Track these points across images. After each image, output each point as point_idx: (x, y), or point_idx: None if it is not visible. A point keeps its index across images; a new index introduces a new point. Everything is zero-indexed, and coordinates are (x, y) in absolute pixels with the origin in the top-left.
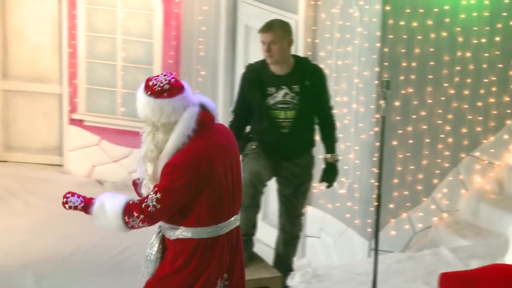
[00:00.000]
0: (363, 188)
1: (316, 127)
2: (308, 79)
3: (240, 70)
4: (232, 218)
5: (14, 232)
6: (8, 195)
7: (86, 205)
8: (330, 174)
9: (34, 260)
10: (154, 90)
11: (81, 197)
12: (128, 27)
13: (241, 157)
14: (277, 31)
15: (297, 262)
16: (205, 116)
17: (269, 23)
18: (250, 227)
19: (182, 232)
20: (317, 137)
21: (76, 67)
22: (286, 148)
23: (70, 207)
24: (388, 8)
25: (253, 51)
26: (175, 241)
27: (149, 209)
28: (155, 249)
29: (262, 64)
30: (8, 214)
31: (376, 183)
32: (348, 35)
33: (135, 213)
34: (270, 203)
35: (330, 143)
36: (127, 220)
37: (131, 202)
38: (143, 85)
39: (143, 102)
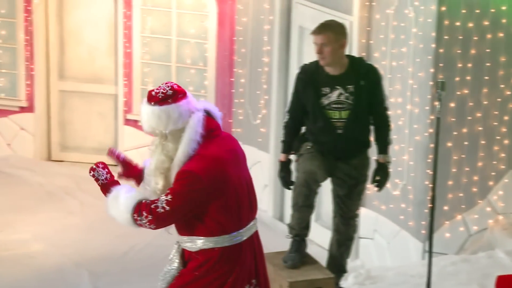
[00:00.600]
0: (417, 189)
1: (371, 127)
2: (363, 79)
3: (293, 71)
4: (252, 223)
5: (69, 231)
6: (64, 194)
7: (106, 186)
8: (381, 176)
9: (89, 259)
10: (159, 98)
11: (108, 175)
12: (183, 29)
13: (295, 157)
14: (329, 34)
15: (350, 263)
16: (212, 122)
17: (322, 25)
18: (303, 227)
19: (204, 243)
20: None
21: (131, 68)
22: (341, 149)
23: (93, 176)
24: (443, 8)
25: (307, 52)
26: (197, 253)
27: (158, 209)
28: (176, 265)
29: (316, 64)
30: (64, 213)
31: (431, 185)
32: (402, 36)
33: (144, 213)
34: (324, 204)
35: (383, 144)
36: (135, 217)
37: (144, 201)
38: (145, 99)
39: (148, 113)
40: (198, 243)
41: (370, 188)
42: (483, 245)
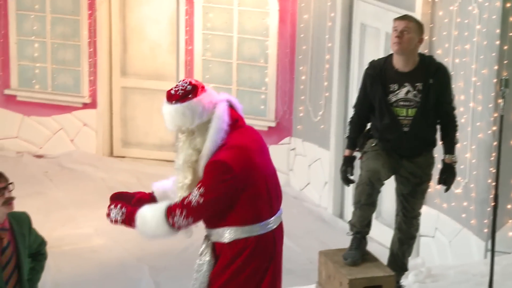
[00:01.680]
0: (480, 188)
1: (437, 126)
2: (432, 77)
3: (354, 68)
4: (280, 212)
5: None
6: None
7: (127, 218)
8: (447, 176)
9: (150, 254)
10: (179, 96)
11: (123, 208)
12: (244, 26)
13: (359, 155)
14: (413, 22)
15: (410, 261)
16: (235, 113)
17: (406, 14)
18: (364, 225)
19: (238, 233)
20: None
21: (192, 65)
22: (406, 147)
23: (112, 221)
24: (508, 5)
25: (369, 49)
26: (231, 243)
27: (192, 204)
28: (208, 258)
29: (385, 60)
30: None
31: (493, 183)
32: (466, 33)
33: (177, 211)
34: (385, 202)
35: (449, 144)
36: (171, 221)
37: (172, 205)
38: (165, 99)
39: (170, 112)
40: (231, 233)
41: (432, 186)
42: None
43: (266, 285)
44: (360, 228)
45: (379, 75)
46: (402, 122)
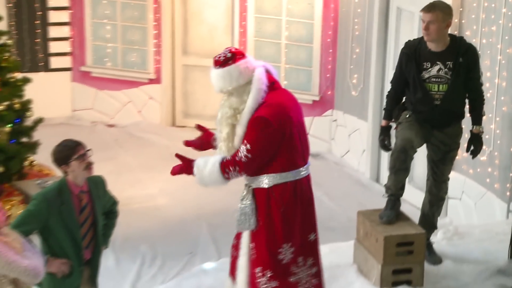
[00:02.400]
0: (503, 155)
1: (466, 100)
2: (462, 56)
3: (391, 49)
4: (309, 163)
5: (190, 187)
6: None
7: (185, 168)
8: (475, 145)
9: (208, 212)
10: (221, 62)
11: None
12: (292, 10)
13: (395, 125)
14: (437, 13)
15: (439, 221)
16: (272, 78)
17: (432, 4)
18: (398, 188)
19: (275, 179)
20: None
21: (245, 45)
22: (437, 119)
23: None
24: None
25: (404, 31)
26: (271, 189)
27: (242, 160)
28: (249, 201)
29: (420, 41)
30: None
31: None
32: (492, 16)
33: (231, 168)
34: (417, 168)
35: (477, 116)
36: (226, 176)
37: (224, 160)
38: (212, 65)
39: (214, 76)
40: (270, 180)
41: (459, 154)
42: None
43: (300, 225)
44: (395, 191)
45: (413, 54)
46: (434, 97)
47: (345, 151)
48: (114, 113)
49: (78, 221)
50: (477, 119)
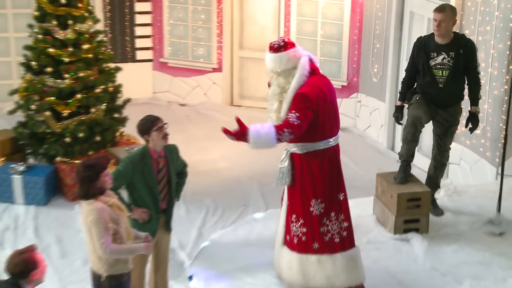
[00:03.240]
0: (494, 129)
1: (465, 86)
2: (462, 48)
3: (405, 44)
4: (338, 135)
5: (245, 154)
6: None
7: (240, 131)
8: (472, 122)
9: (258, 174)
10: (275, 48)
11: (238, 128)
12: (326, 13)
13: (407, 105)
14: (447, 13)
15: (442, 182)
16: (313, 65)
17: (442, 6)
18: (409, 155)
19: (309, 146)
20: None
21: None
22: (441, 99)
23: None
24: None
25: (415, 30)
26: (304, 154)
27: (294, 122)
28: (286, 163)
29: (429, 36)
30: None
31: (504, 126)
32: (487, 18)
33: (285, 130)
34: (424, 139)
35: (474, 98)
36: (279, 138)
37: (278, 125)
38: (267, 49)
39: (268, 59)
40: (305, 147)
41: (459, 129)
42: None
43: (330, 183)
44: (406, 158)
45: (423, 46)
46: (438, 80)
47: (367, 126)
48: (185, 95)
49: (156, 179)
50: (474, 101)
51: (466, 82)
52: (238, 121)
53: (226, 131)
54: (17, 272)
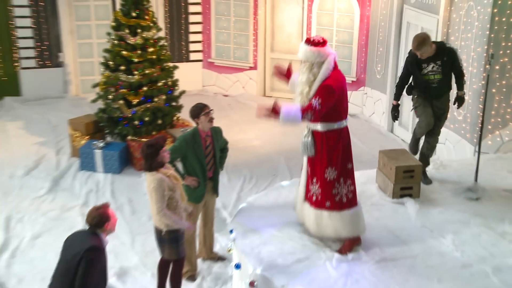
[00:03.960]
0: (472, 116)
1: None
2: (446, 56)
3: (402, 49)
4: (347, 118)
5: (275, 134)
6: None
7: (273, 108)
8: (459, 102)
9: (284, 150)
10: (313, 42)
11: (273, 106)
12: (339, 23)
13: (412, 107)
14: (423, 47)
15: (431, 158)
16: (335, 62)
17: (419, 42)
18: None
19: (332, 125)
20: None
21: None
22: (435, 94)
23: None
24: (495, 10)
25: (411, 37)
26: (327, 132)
27: (316, 107)
28: (309, 138)
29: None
30: (273, 125)
31: (480, 114)
32: (469, 27)
33: (308, 112)
34: (404, 115)
35: (460, 85)
36: (303, 117)
37: (303, 107)
38: (304, 41)
39: (305, 50)
40: (324, 126)
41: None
42: (510, 150)
43: (343, 155)
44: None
45: (415, 60)
46: (432, 82)
47: (372, 113)
48: (227, 88)
49: (204, 154)
50: (461, 87)
51: (454, 76)
52: (275, 103)
53: (262, 110)
54: (94, 223)
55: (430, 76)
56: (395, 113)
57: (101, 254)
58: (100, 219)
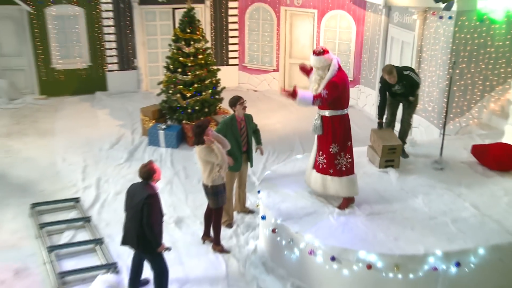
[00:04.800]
0: (439, 107)
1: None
2: (403, 81)
3: (387, 57)
4: (349, 107)
5: (291, 120)
6: (288, 105)
7: (293, 92)
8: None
9: (299, 131)
10: (317, 52)
11: (292, 90)
12: (341, 37)
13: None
14: (393, 75)
15: (407, 138)
16: (339, 64)
17: (388, 70)
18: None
19: (336, 112)
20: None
21: None
22: (402, 98)
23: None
24: (456, 29)
25: (394, 48)
26: (333, 117)
27: (324, 96)
28: (319, 121)
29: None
30: (288, 111)
31: (445, 106)
32: (437, 41)
33: (318, 98)
34: (398, 115)
35: (412, 93)
36: (313, 102)
37: (315, 95)
38: (312, 53)
39: (313, 59)
40: (331, 112)
41: (418, 107)
42: (466, 132)
43: (344, 135)
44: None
45: (387, 84)
46: (398, 94)
47: (364, 104)
48: (256, 85)
49: (239, 133)
50: (413, 95)
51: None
52: (295, 87)
53: (285, 91)
54: (145, 176)
55: (398, 91)
56: (379, 127)
57: (156, 198)
58: (148, 173)
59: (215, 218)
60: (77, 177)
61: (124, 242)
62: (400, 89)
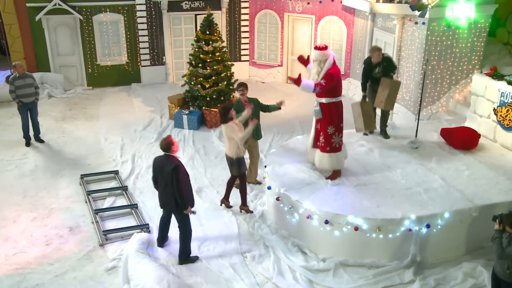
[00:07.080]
0: (414, 97)
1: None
2: (384, 62)
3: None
4: (342, 95)
5: (292, 107)
6: (292, 96)
7: (298, 79)
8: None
9: (300, 116)
10: (318, 48)
11: (297, 77)
12: (334, 38)
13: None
14: (378, 52)
15: (388, 122)
16: (334, 59)
17: (374, 48)
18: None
19: (332, 99)
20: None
21: None
22: (379, 82)
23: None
24: (429, 32)
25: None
26: (329, 104)
27: (323, 84)
28: (318, 107)
29: (369, 58)
30: (300, 103)
31: (419, 96)
32: (413, 41)
33: (317, 86)
34: None
35: (390, 77)
36: (314, 89)
37: (316, 83)
38: (314, 47)
39: (315, 53)
40: (330, 100)
41: (398, 95)
42: (436, 118)
43: (338, 118)
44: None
45: (369, 65)
46: (377, 78)
47: (353, 94)
48: (264, 77)
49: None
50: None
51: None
52: (299, 75)
53: (291, 78)
54: (165, 148)
55: (377, 74)
56: (363, 99)
57: (181, 166)
58: (168, 145)
59: (241, 183)
60: (117, 153)
61: (162, 206)
62: (379, 72)
